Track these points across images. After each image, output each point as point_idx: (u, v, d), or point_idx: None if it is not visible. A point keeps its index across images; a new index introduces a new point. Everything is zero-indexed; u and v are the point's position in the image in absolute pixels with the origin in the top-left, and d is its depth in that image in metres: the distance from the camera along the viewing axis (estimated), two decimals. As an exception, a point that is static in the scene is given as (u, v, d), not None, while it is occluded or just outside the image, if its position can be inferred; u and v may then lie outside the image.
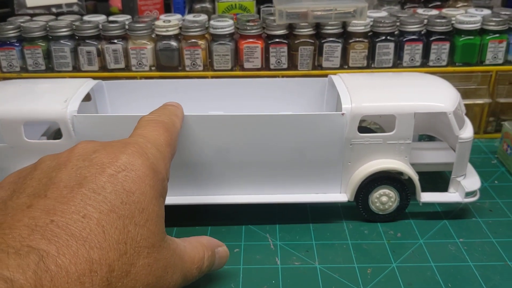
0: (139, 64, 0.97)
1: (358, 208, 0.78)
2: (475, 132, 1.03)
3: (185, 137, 0.73)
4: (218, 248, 0.64)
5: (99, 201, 0.47)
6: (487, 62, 0.98)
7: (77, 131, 0.72)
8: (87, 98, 0.86)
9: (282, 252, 0.72)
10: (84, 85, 0.80)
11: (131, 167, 0.51)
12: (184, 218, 0.80)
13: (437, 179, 0.88)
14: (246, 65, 0.97)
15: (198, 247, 0.61)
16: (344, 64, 0.99)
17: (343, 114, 0.72)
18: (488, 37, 0.97)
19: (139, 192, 0.50)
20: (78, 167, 0.50)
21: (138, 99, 0.88)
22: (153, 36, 0.98)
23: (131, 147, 0.54)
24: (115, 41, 0.96)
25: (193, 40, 0.96)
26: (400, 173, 0.76)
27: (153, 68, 0.98)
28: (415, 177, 0.76)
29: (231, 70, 0.98)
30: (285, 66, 0.98)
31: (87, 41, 0.97)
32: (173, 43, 0.96)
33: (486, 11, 1.02)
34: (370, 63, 0.98)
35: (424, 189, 0.78)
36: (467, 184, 0.77)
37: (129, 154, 0.52)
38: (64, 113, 0.72)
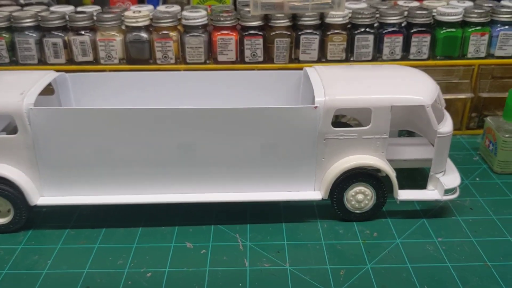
0: (108, 56, 0.93)
1: (333, 207, 0.74)
2: (457, 128, 1.01)
3: (147, 132, 0.69)
4: None
5: None
6: (469, 55, 0.95)
7: (34, 125, 0.68)
8: (50, 91, 0.82)
9: (252, 253, 0.69)
10: (45, 77, 0.76)
11: None
12: (149, 218, 0.76)
13: (416, 176, 0.85)
14: (220, 58, 0.93)
15: None
16: (322, 57, 0.95)
17: (316, 107, 0.69)
18: (470, 30, 0.93)
19: None
20: None
21: (105, 92, 0.84)
22: (122, 27, 0.93)
23: None
24: (83, 32, 0.92)
25: (165, 32, 0.92)
26: (377, 170, 0.73)
27: (123, 61, 0.94)
28: (392, 174, 0.72)
29: (205, 63, 0.94)
30: (261, 59, 0.94)
31: (53, 32, 0.92)
32: (144, 35, 0.92)
33: (469, 3, 0.99)
34: (349, 56, 0.95)
35: (402, 186, 0.75)
36: (446, 181, 0.74)
37: None
38: (20, 106, 0.68)
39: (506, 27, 0.94)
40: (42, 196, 0.73)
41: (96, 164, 0.71)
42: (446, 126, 0.72)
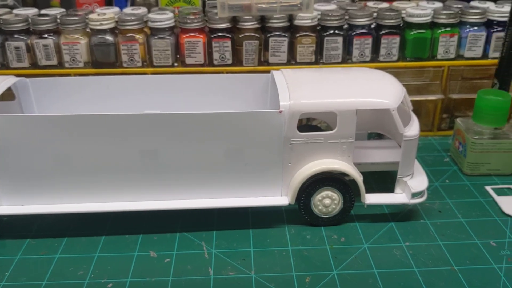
0: (73, 60, 0.91)
1: (300, 212, 0.73)
2: (429, 129, 1.01)
3: (108, 139, 0.67)
4: None
5: None
6: (438, 56, 0.95)
7: (-11, 133, 0.66)
8: (11, 97, 0.80)
9: (217, 261, 0.67)
10: (3, 83, 0.73)
11: None
12: (112, 226, 0.74)
13: (387, 178, 0.85)
14: (188, 60, 0.92)
15: None
16: (292, 60, 0.94)
17: (280, 111, 0.68)
18: (439, 31, 0.93)
19: None
20: None
21: (69, 97, 0.82)
22: (87, 30, 0.91)
23: None
24: (46, 35, 0.90)
25: (130, 34, 0.90)
26: (344, 174, 0.72)
27: (88, 64, 0.92)
28: (359, 178, 0.71)
29: (172, 66, 0.92)
30: (230, 61, 0.92)
31: (16, 35, 0.90)
32: (109, 38, 0.90)
33: (438, 4, 0.98)
34: (319, 58, 0.94)
35: (372, 189, 0.74)
36: (414, 184, 0.73)
37: None
38: (-27, 113, 0.65)
39: (475, 28, 0.94)
40: (1, 205, 0.70)
41: (57, 172, 0.69)
42: (413, 129, 0.72)
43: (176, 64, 0.93)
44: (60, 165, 0.69)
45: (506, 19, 0.88)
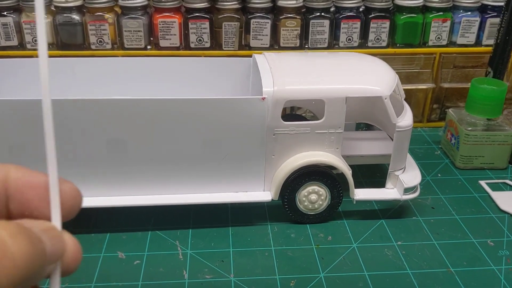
0: (35, 41, 0.83)
1: (284, 208, 0.67)
2: (419, 120, 0.96)
3: (71, 127, 0.60)
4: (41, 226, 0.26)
5: None
6: (430, 43, 0.90)
7: None
8: (-36, 80, 0.72)
9: (192, 263, 0.61)
10: (-48, 63, 0.66)
11: None
12: (76, 224, 0.67)
13: (376, 172, 0.79)
14: (162, 43, 0.85)
15: None
16: (275, 44, 0.88)
17: (263, 98, 0.61)
18: (431, 16, 0.88)
19: None
20: None
21: (29, 80, 0.74)
22: (52, 8, 0.83)
23: None
24: (5, 13, 0.82)
25: (99, 13, 0.82)
26: (331, 167, 0.66)
27: (52, 46, 0.84)
28: (348, 172, 0.66)
29: (145, 48, 0.85)
30: (208, 44, 0.86)
31: (-29, 13, 0.82)
32: (75, 17, 0.82)
33: (430, -13, 0.93)
34: (304, 43, 0.88)
35: (362, 185, 0.69)
36: (406, 179, 0.68)
37: None
38: None
39: (469, 13, 0.89)
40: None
41: (13, 163, 0.61)
42: (406, 119, 0.66)
43: (149, 46, 0.86)
44: (16, 155, 0.61)
45: (501, 4, 0.83)
